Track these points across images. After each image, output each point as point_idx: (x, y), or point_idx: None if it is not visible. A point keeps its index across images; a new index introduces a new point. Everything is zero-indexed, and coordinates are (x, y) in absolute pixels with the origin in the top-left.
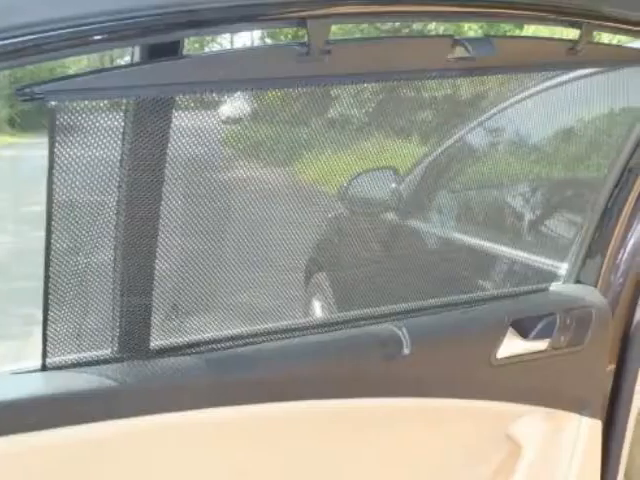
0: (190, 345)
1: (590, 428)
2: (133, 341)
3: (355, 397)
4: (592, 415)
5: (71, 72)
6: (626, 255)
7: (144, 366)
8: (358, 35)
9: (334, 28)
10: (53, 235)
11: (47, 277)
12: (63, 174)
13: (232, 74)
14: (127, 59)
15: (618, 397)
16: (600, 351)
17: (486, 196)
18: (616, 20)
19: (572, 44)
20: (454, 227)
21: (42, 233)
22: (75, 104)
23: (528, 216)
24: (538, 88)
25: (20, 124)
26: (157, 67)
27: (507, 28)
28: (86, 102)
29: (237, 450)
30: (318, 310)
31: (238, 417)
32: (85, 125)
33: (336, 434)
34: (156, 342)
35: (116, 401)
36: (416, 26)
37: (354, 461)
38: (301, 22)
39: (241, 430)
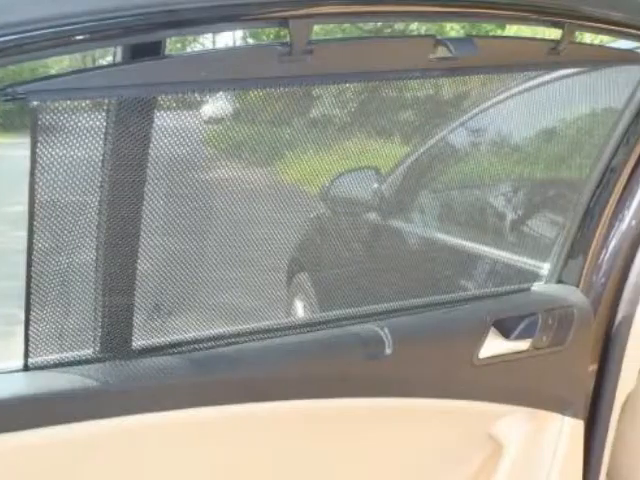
0: (172, 345)
1: (572, 428)
2: (115, 341)
3: (337, 397)
4: (574, 415)
5: (53, 72)
6: (608, 255)
7: (126, 366)
8: (340, 35)
9: (316, 28)
10: (35, 235)
11: (29, 277)
12: (45, 174)
13: (214, 74)
14: (109, 59)
15: (600, 397)
16: (582, 351)
17: (468, 196)
18: (598, 20)
19: (554, 44)
20: (436, 227)
21: (24, 233)
22: (57, 104)
23: (510, 216)
24: (520, 88)
25: (2, 124)
26: (139, 67)
27: (489, 28)
28: (68, 102)
29: (219, 450)
30: (300, 310)
31: (220, 417)
32: (67, 125)
33: (318, 434)
34: (138, 342)
35: (98, 401)
36: (398, 26)
37: (336, 461)
38: (283, 22)
39: (224, 430)
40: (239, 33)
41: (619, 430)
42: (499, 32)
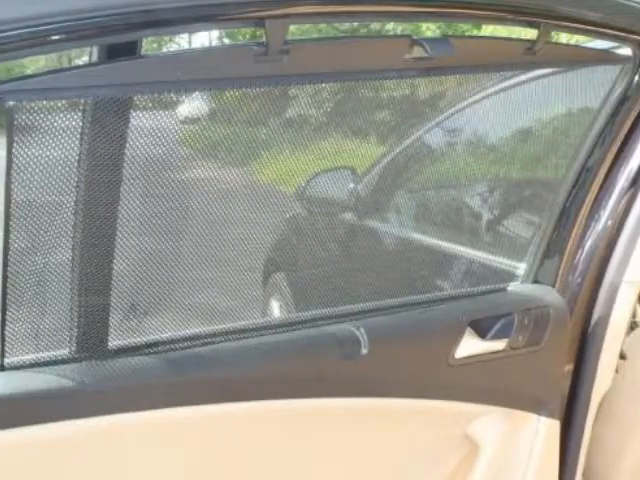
0: (148, 345)
1: (548, 428)
2: (91, 341)
3: (313, 397)
4: (550, 415)
5: (29, 72)
6: (584, 255)
7: (102, 366)
8: (316, 35)
9: (292, 28)
10: (11, 235)
11: (5, 277)
12: (21, 174)
13: (190, 74)
14: (85, 59)
15: (576, 397)
16: (558, 351)
17: (445, 196)
18: (574, 20)
19: (530, 44)
20: (412, 227)
21: (0, 233)
22: (33, 104)
23: (486, 216)
24: (496, 88)
25: None
26: (115, 67)
27: (465, 28)
28: (44, 102)
29: (196, 450)
30: (276, 310)
31: (197, 417)
32: (43, 125)
33: (294, 434)
34: (114, 342)
35: (74, 401)
36: (374, 26)
37: (313, 461)
38: (259, 22)
39: (200, 430)
40: (215, 33)
41: (595, 430)
42: (475, 32)
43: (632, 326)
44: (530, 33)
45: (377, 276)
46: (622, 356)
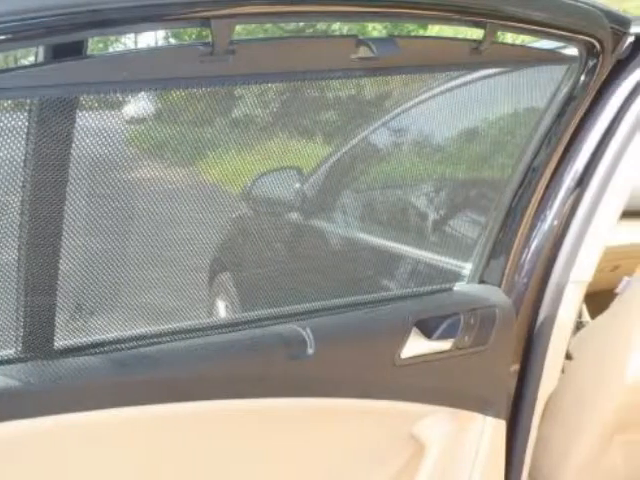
0: (94, 345)
1: (494, 428)
2: (37, 341)
3: (259, 397)
4: (496, 415)
5: None
6: (530, 255)
7: (48, 366)
8: (262, 35)
9: (238, 28)
10: None
11: None
12: None
13: (136, 74)
14: (31, 59)
15: (522, 397)
16: (504, 351)
17: (390, 196)
18: (520, 20)
19: (476, 44)
20: (358, 227)
21: None
22: None
23: (432, 216)
24: (443, 88)
25: None
26: (61, 67)
27: (411, 28)
28: None
29: (141, 450)
30: (222, 310)
31: (142, 417)
32: None
33: (240, 434)
34: (60, 342)
35: (20, 401)
36: (320, 26)
37: (258, 461)
38: (205, 22)
39: (146, 430)
40: (161, 33)
41: (541, 430)
42: (421, 32)
43: (578, 326)
44: (476, 33)
45: (323, 276)
46: (568, 356)
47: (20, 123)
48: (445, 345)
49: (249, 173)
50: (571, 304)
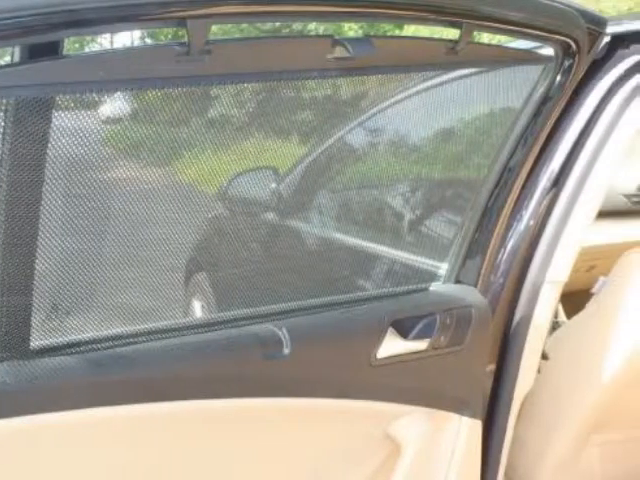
0: (70, 345)
1: (470, 428)
2: (13, 341)
3: (235, 397)
4: (472, 415)
5: None
6: (506, 255)
7: (24, 366)
8: (238, 35)
9: (214, 28)
10: None
11: None
12: None
13: (112, 74)
14: (7, 59)
15: (498, 397)
16: (480, 351)
17: (367, 196)
18: (496, 20)
19: (452, 44)
20: (335, 227)
21: None
22: None
23: (409, 216)
24: (419, 88)
25: None
26: (37, 67)
27: (387, 28)
28: None
29: (118, 450)
30: (198, 310)
31: (119, 417)
32: None
33: (216, 434)
34: (36, 342)
35: None
36: (296, 26)
37: (234, 461)
38: (181, 22)
39: (122, 430)
40: (137, 33)
41: (517, 430)
42: (397, 32)
43: (554, 326)
44: (452, 33)
45: (299, 276)
46: (544, 356)
47: None
48: (421, 345)
49: (225, 173)
50: (547, 304)
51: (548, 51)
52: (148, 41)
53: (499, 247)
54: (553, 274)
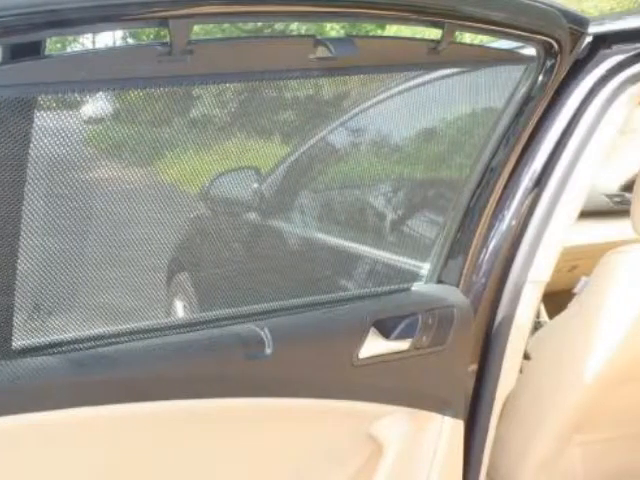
0: (53, 345)
1: (452, 428)
2: None
3: (217, 397)
4: (454, 415)
5: None
6: (488, 255)
7: (6, 366)
8: (220, 35)
9: (196, 28)
10: None
11: None
12: None
13: (94, 74)
14: None
15: (480, 397)
16: (462, 351)
17: (349, 196)
18: (478, 20)
19: (434, 44)
20: (317, 227)
21: None
22: None
23: (391, 216)
24: (401, 88)
25: None
26: (19, 67)
27: (369, 28)
28: None
29: (100, 450)
30: (180, 310)
31: (101, 417)
32: None
33: (198, 434)
34: (18, 342)
35: None
36: (278, 26)
37: (216, 461)
38: (163, 22)
39: (104, 430)
40: (119, 33)
41: (499, 430)
42: (379, 32)
43: (536, 326)
44: (434, 33)
45: (281, 276)
46: (526, 356)
47: None
48: (403, 345)
49: (207, 173)
50: (529, 304)
51: (530, 51)
52: (130, 41)
53: (481, 247)
54: (535, 274)
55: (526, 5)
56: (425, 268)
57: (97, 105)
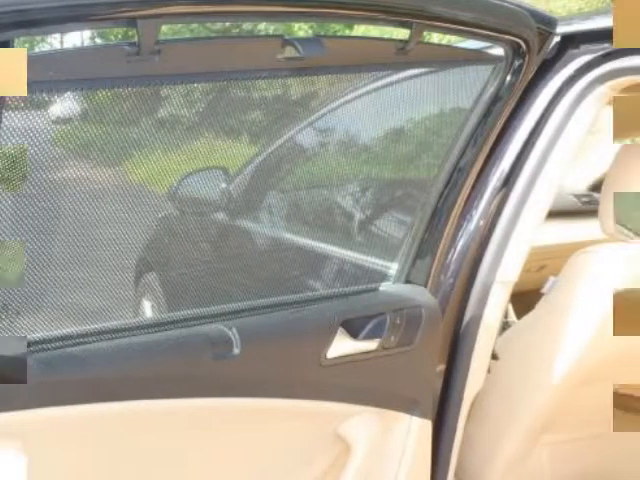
0: None
1: (420, 428)
2: None
3: (185, 397)
4: (422, 415)
5: None
6: (456, 255)
7: None
8: (188, 35)
9: (164, 28)
10: None
11: None
12: None
13: (62, 74)
14: None
15: (448, 397)
16: (430, 351)
17: (317, 196)
18: (446, 20)
19: (402, 44)
20: (285, 227)
21: None
22: None
23: (359, 216)
24: (369, 88)
25: None
26: None
27: (337, 28)
28: None
29: (67, 450)
30: (148, 310)
31: (68, 417)
32: None
33: (166, 434)
34: None
35: None
36: (246, 26)
37: (184, 461)
38: (131, 22)
39: (71, 430)
40: (87, 33)
41: (467, 430)
42: (347, 32)
43: (504, 326)
44: (402, 33)
45: (249, 276)
46: (494, 356)
47: None
48: (371, 345)
49: (175, 173)
50: (497, 304)
51: (498, 51)
52: (98, 41)
53: (449, 247)
54: (503, 274)
55: (494, 5)
56: (393, 268)
57: (65, 105)
